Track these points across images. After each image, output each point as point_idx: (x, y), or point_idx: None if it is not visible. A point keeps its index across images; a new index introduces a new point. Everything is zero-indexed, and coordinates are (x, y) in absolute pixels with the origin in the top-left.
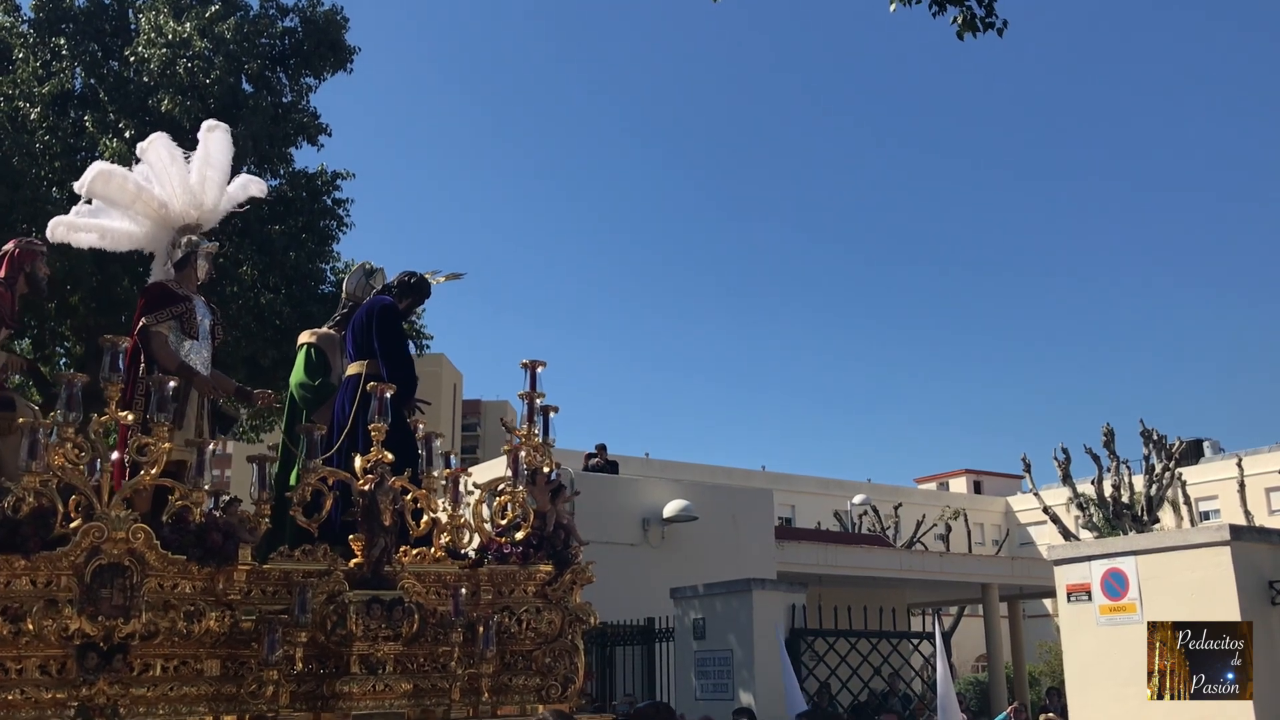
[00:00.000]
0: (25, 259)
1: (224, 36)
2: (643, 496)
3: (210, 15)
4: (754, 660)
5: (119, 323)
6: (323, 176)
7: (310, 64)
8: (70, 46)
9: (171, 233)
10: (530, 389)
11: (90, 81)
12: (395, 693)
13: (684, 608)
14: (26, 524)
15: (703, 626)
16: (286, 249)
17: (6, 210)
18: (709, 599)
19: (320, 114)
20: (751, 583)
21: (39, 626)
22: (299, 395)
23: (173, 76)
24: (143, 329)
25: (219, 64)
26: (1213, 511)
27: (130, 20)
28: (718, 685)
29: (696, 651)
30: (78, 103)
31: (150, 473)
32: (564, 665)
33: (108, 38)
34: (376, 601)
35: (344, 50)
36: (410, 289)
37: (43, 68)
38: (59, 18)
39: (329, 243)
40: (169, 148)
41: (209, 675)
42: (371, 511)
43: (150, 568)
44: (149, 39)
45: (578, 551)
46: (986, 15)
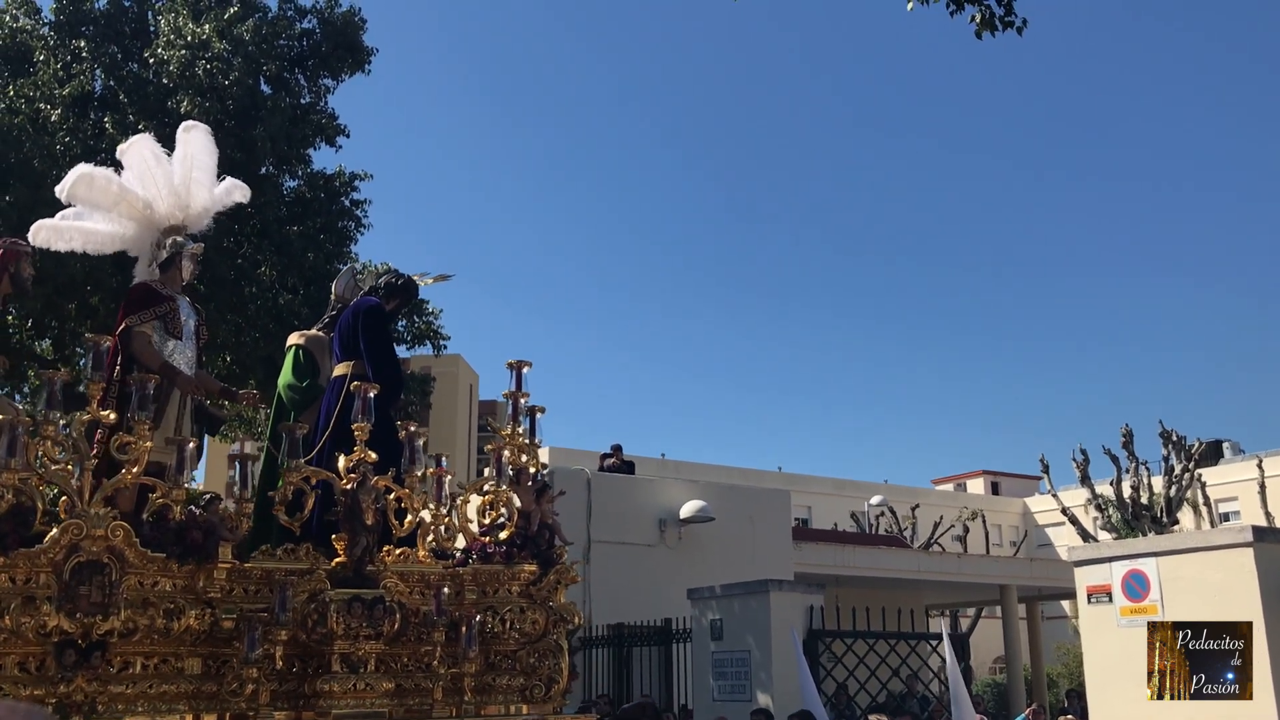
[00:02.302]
0: (9, 259)
1: (243, 38)
2: (659, 497)
3: (229, 17)
4: (771, 661)
5: None
6: (341, 178)
7: (328, 65)
8: (90, 49)
9: (156, 233)
10: (515, 388)
11: (110, 83)
12: (377, 692)
13: (701, 609)
14: (5, 521)
15: (720, 627)
16: (305, 250)
17: (28, 210)
18: (726, 600)
19: (338, 115)
20: (769, 584)
21: (16, 623)
22: (286, 396)
23: (192, 78)
24: (125, 329)
25: (238, 65)
26: (1233, 513)
27: (150, 22)
28: (735, 686)
29: (714, 652)
30: (98, 104)
31: (131, 471)
32: (548, 665)
33: (127, 40)
34: (358, 600)
35: (362, 51)
36: (397, 290)
37: (63, 70)
38: (79, 20)
39: (347, 243)
40: (153, 148)
41: (189, 673)
42: (354, 510)
43: (129, 565)
44: (168, 41)
45: (562, 552)
46: (1006, 14)
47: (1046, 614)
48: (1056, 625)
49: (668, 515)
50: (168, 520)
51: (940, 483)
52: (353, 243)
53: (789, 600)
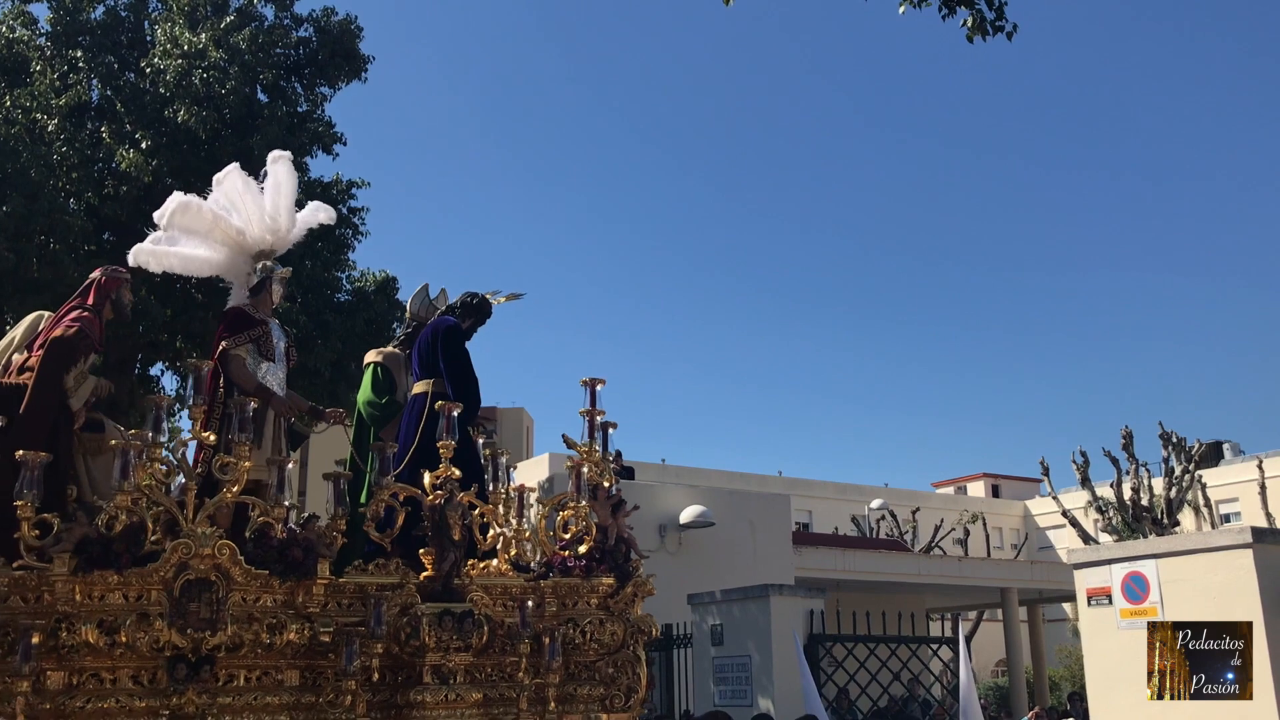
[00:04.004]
0: (111, 286)
1: (239, 47)
2: (659, 503)
3: (225, 26)
4: (773, 666)
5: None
6: (338, 185)
7: (325, 73)
8: (87, 59)
9: (247, 259)
10: (590, 406)
11: (107, 93)
12: (467, 702)
13: (702, 614)
14: (119, 541)
15: (721, 633)
16: (302, 258)
17: (25, 221)
18: (727, 605)
19: (335, 123)
20: (769, 588)
21: (132, 638)
22: (366, 413)
23: (188, 87)
24: (222, 352)
25: (234, 74)
26: (1233, 514)
27: (146, 32)
28: (736, 691)
29: (715, 658)
30: (94, 114)
31: (232, 490)
32: (627, 675)
33: (124, 49)
34: (448, 614)
35: (358, 59)
36: (473, 309)
37: (60, 80)
38: (76, 30)
39: (345, 251)
40: (243, 177)
41: (289, 685)
42: (441, 526)
43: (235, 582)
44: (164, 50)
45: (638, 564)
46: (997, 18)
47: (1048, 616)
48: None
49: (668, 520)
50: (269, 538)
51: (941, 486)
52: (350, 250)
53: (789, 605)
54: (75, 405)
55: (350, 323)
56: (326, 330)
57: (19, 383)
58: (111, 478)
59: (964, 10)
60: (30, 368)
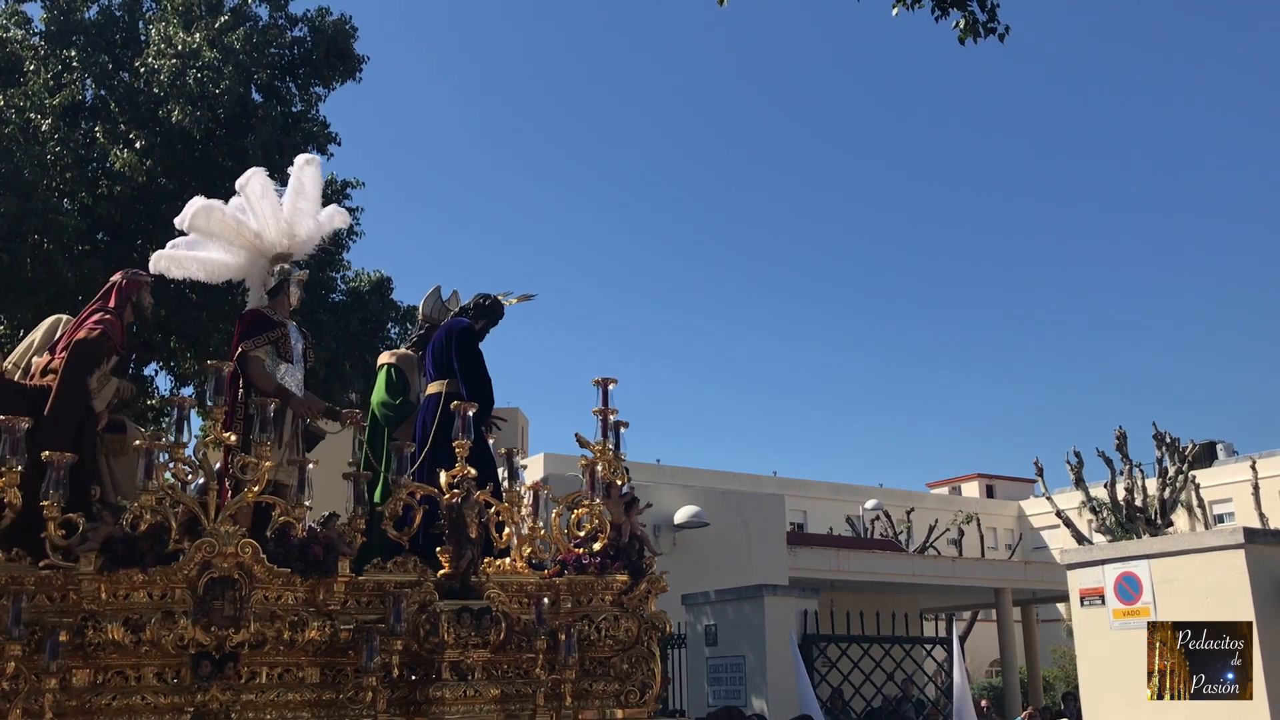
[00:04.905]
0: (132, 289)
1: (233, 47)
2: (653, 503)
3: (219, 25)
4: (767, 666)
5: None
6: (333, 185)
7: (319, 73)
8: (81, 58)
9: (265, 261)
10: (603, 405)
11: (101, 93)
12: (485, 698)
13: (696, 614)
14: (144, 540)
15: (715, 633)
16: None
17: (18, 221)
18: (721, 605)
19: (330, 123)
20: (764, 589)
21: (157, 636)
22: (381, 414)
23: (183, 87)
24: (241, 354)
25: (228, 74)
26: (1227, 514)
27: (140, 31)
28: (730, 692)
29: (709, 658)
30: (88, 114)
31: (253, 490)
32: (641, 671)
33: (118, 49)
34: (466, 610)
35: (353, 59)
36: (485, 311)
37: (54, 79)
38: (70, 30)
39: (339, 251)
40: (263, 181)
41: (310, 682)
42: (459, 524)
43: (257, 580)
44: (159, 50)
45: (651, 561)
46: (989, 20)
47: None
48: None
49: (662, 521)
50: (290, 537)
51: (935, 486)
52: (345, 250)
53: (784, 605)
54: (99, 407)
55: (344, 322)
56: (321, 330)
57: (43, 385)
58: (134, 478)
59: (956, 12)
60: (53, 370)
